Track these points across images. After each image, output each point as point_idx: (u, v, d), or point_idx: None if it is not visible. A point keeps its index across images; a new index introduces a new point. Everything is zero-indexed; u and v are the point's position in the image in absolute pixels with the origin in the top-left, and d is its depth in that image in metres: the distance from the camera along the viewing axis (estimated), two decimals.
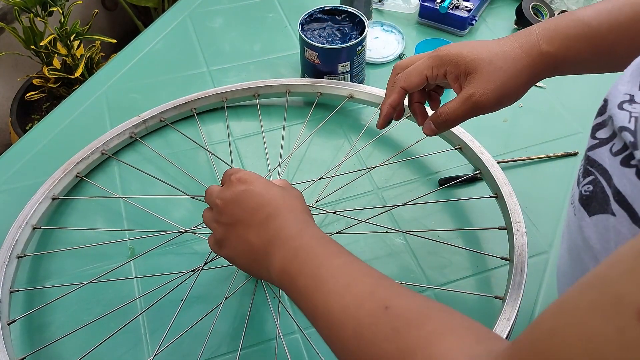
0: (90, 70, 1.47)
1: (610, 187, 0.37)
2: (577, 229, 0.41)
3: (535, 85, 0.86)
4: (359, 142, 0.79)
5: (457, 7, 0.94)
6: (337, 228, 0.70)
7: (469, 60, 0.54)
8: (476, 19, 0.95)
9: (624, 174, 0.36)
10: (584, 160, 0.41)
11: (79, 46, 1.46)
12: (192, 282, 0.62)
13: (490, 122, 0.80)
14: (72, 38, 1.42)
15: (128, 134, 0.78)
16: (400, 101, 0.59)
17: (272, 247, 0.47)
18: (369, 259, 0.67)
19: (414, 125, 0.62)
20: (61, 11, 1.38)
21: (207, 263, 0.63)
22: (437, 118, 0.57)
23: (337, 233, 0.68)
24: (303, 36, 0.81)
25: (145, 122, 0.79)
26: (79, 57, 1.45)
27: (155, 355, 0.57)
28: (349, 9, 0.84)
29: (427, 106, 0.62)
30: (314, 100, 0.83)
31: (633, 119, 0.36)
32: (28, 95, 1.48)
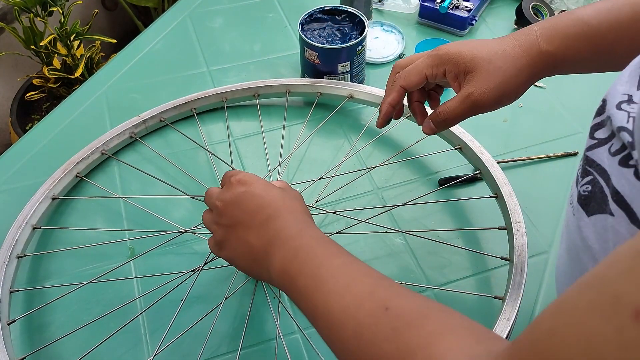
0: (90, 70, 1.47)
1: (608, 187, 0.37)
2: (575, 229, 0.41)
3: (535, 85, 0.86)
4: (359, 142, 0.79)
5: (457, 7, 0.94)
6: (337, 228, 0.70)
7: (469, 59, 0.54)
8: (476, 19, 0.95)
9: (622, 174, 0.36)
10: (583, 160, 0.41)
11: (79, 46, 1.46)
12: (192, 282, 0.62)
13: (490, 122, 0.80)
14: (72, 38, 1.42)
15: (128, 134, 0.78)
16: (400, 100, 0.59)
17: (272, 247, 0.47)
18: (369, 259, 0.67)
19: (414, 125, 0.62)
20: (61, 11, 1.38)
21: (207, 263, 0.63)
22: (437, 117, 0.57)
23: (337, 233, 0.68)
24: (303, 36, 0.81)
25: (145, 122, 0.79)
26: (79, 57, 1.45)
27: (155, 355, 0.57)
28: (349, 9, 0.84)
29: (427, 105, 0.62)
30: (314, 100, 0.83)
31: (631, 119, 0.36)
32: (28, 95, 1.48)
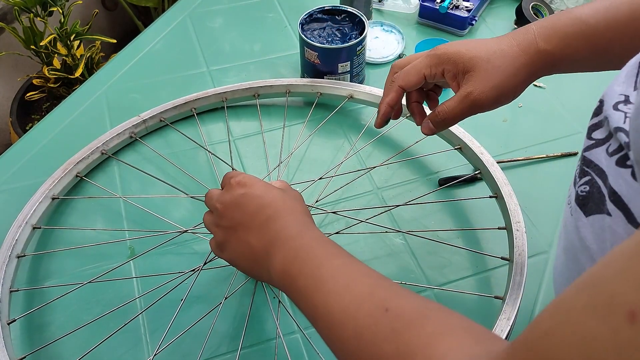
0: (90, 70, 1.47)
1: (606, 187, 0.37)
2: (573, 229, 0.41)
3: (535, 85, 0.86)
4: (358, 142, 0.79)
5: (457, 7, 0.94)
6: (336, 228, 0.70)
7: (467, 58, 0.53)
8: (476, 19, 0.95)
9: (619, 174, 0.36)
10: (580, 160, 0.41)
11: (79, 46, 1.46)
12: (191, 282, 0.62)
13: (490, 122, 0.80)
14: (72, 38, 1.42)
15: (128, 134, 0.78)
16: (398, 100, 0.59)
17: (273, 248, 0.47)
18: (369, 258, 0.67)
19: (414, 125, 0.62)
20: (61, 11, 1.38)
21: (207, 263, 0.63)
22: (436, 117, 0.57)
23: (337, 233, 0.68)
24: (303, 36, 0.81)
25: (145, 122, 0.79)
26: (79, 57, 1.45)
27: (155, 355, 0.57)
28: (348, 9, 0.84)
29: (426, 106, 0.62)
30: (314, 100, 0.83)
31: (628, 119, 0.36)
32: (28, 95, 1.48)
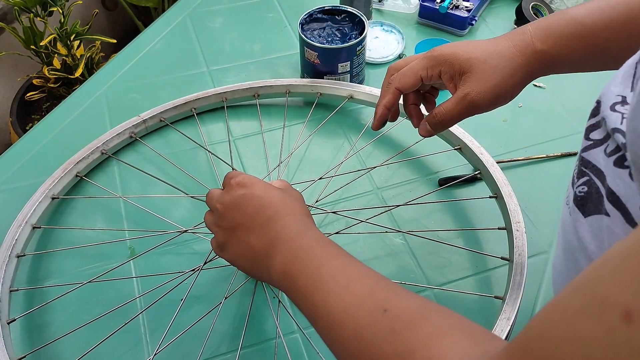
0: (90, 70, 1.48)
1: (604, 187, 0.37)
2: (572, 230, 0.41)
3: (535, 86, 0.86)
4: (358, 142, 0.79)
5: (457, 7, 0.94)
6: (336, 228, 0.70)
7: (464, 59, 0.53)
8: (476, 19, 0.95)
9: (617, 175, 0.36)
10: (579, 161, 0.41)
11: (79, 46, 1.46)
12: (191, 281, 0.62)
13: (489, 122, 0.80)
14: (72, 38, 1.42)
15: (128, 134, 0.78)
16: (395, 102, 0.59)
17: (273, 248, 0.47)
18: (369, 258, 0.67)
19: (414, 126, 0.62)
20: (61, 11, 1.38)
21: (207, 263, 0.63)
22: (433, 118, 0.57)
23: (336, 233, 0.68)
24: (303, 36, 0.81)
25: (145, 122, 0.79)
26: (79, 57, 1.45)
27: (155, 354, 0.57)
28: (348, 9, 0.84)
29: (423, 108, 0.62)
30: (314, 100, 0.83)
31: (625, 120, 0.36)
32: (28, 95, 1.48)
